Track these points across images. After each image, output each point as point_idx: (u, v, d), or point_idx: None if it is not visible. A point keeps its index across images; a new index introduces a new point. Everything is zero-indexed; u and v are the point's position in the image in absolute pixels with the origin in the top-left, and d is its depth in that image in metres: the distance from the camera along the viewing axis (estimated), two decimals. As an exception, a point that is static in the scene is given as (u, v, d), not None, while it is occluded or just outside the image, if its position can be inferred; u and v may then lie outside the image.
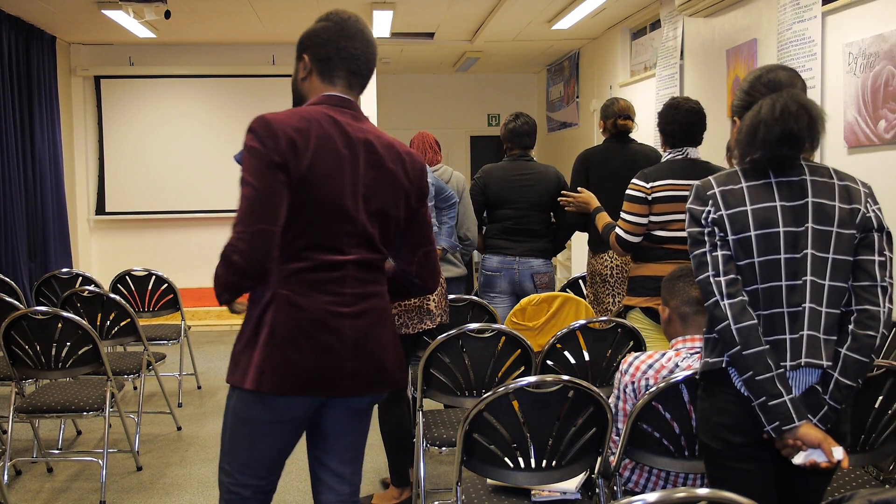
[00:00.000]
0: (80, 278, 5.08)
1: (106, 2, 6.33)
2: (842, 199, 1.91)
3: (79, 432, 4.60)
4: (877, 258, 1.90)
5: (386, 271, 2.16)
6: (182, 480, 3.89)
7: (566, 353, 3.06)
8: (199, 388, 5.56)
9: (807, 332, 1.87)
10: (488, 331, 3.04)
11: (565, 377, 2.28)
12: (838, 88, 4.11)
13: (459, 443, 2.31)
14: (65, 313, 3.61)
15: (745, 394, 1.89)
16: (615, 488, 2.44)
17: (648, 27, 7.25)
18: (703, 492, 1.42)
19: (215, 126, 8.73)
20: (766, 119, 1.89)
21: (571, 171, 4.24)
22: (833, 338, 1.88)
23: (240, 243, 1.85)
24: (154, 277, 5.15)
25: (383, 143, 2.06)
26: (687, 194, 3.17)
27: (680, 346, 2.44)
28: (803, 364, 1.86)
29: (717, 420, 1.95)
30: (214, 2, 6.65)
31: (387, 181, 2.04)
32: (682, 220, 3.15)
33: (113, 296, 4.29)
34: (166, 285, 5.17)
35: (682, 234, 3.18)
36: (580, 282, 4.62)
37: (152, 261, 7.68)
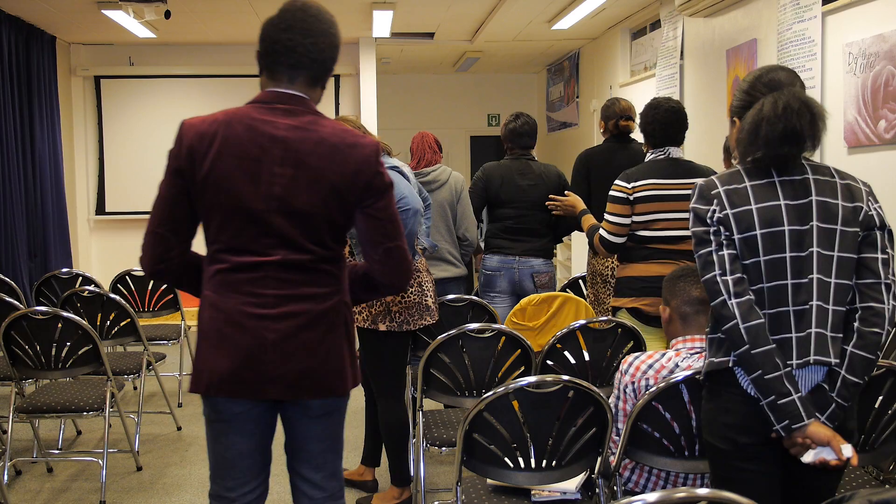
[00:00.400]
0: (80, 278, 5.08)
1: (106, 2, 6.33)
2: (844, 197, 1.92)
3: (79, 432, 4.60)
4: (880, 256, 1.91)
5: (354, 270, 2.10)
6: (182, 480, 3.89)
7: (566, 353, 3.06)
8: (199, 388, 5.55)
9: (815, 330, 1.87)
10: (488, 331, 3.04)
11: (565, 377, 2.28)
12: (838, 88, 4.11)
13: (459, 443, 2.31)
14: (65, 313, 3.61)
15: (752, 393, 1.89)
16: (615, 488, 2.44)
17: (648, 27, 7.25)
18: (703, 492, 1.42)
19: (215, 126, 8.72)
20: (769, 116, 1.89)
21: (572, 172, 4.24)
22: (840, 335, 1.89)
23: (142, 246, 2.03)
24: (154, 277, 5.14)
25: (313, 139, 1.93)
26: (669, 193, 3.21)
27: (680, 346, 2.43)
28: (812, 362, 1.87)
29: (723, 420, 1.95)
30: (214, 2, 6.65)
31: (307, 179, 1.92)
32: (665, 220, 3.18)
33: (113, 296, 4.29)
34: (166, 285, 5.17)
35: (665, 234, 3.19)
36: (580, 282, 4.62)
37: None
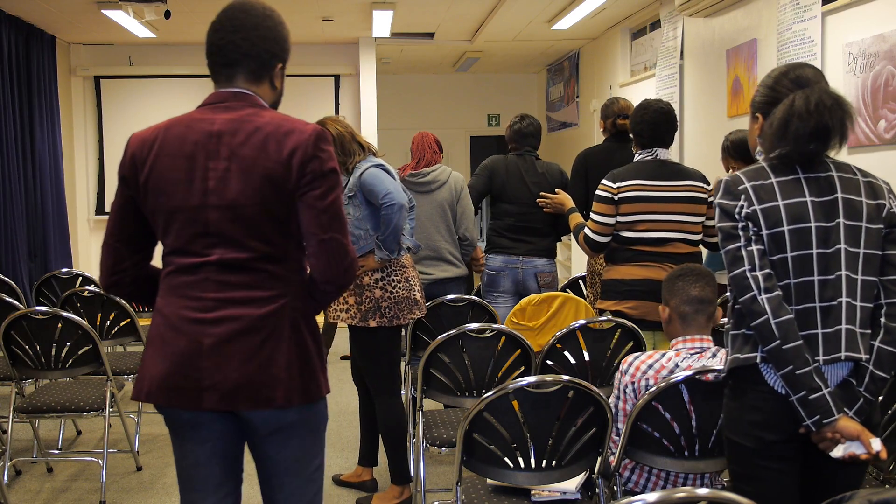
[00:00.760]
0: (80, 278, 5.08)
1: (106, 2, 6.33)
2: (867, 194, 1.94)
3: (79, 432, 4.60)
4: None
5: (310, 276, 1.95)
6: (182, 480, 3.88)
7: (566, 353, 3.06)
8: (199, 388, 5.55)
9: (845, 327, 1.88)
10: (488, 331, 3.04)
11: (565, 377, 2.28)
12: (838, 88, 4.08)
13: (459, 443, 2.31)
14: (65, 313, 3.62)
15: (780, 390, 1.90)
16: (615, 488, 2.44)
17: (648, 27, 7.25)
18: (703, 492, 1.42)
19: (215, 126, 8.72)
20: (801, 112, 1.89)
21: (571, 171, 4.24)
22: (868, 331, 1.91)
23: (100, 259, 2.02)
24: (154, 277, 5.14)
25: (247, 130, 1.84)
26: (653, 195, 3.22)
27: (680, 346, 2.43)
28: (843, 358, 1.88)
29: (749, 418, 1.95)
30: (214, 2, 6.61)
31: (240, 170, 1.83)
32: (649, 221, 3.19)
33: (113, 296, 4.29)
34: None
35: (649, 235, 3.19)
36: (580, 282, 4.62)
37: (152, 260, 7.67)
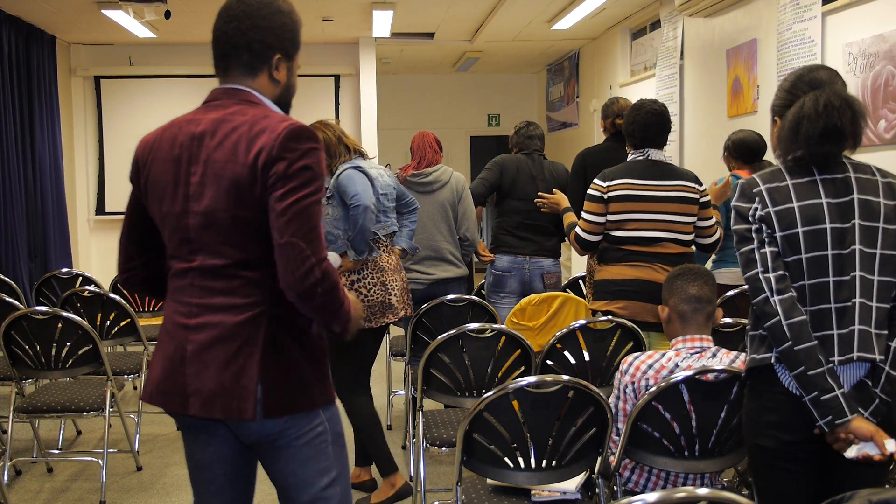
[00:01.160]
0: (80, 278, 5.08)
1: (106, 2, 6.33)
2: (886, 195, 1.95)
3: (79, 432, 4.60)
4: None
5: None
6: (182, 480, 3.88)
7: (566, 353, 3.06)
8: (199, 388, 5.55)
9: (858, 327, 1.89)
10: (488, 331, 3.04)
11: (565, 377, 2.28)
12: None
13: (459, 443, 2.31)
14: (65, 313, 3.61)
15: (794, 391, 1.91)
16: (615, 488, 2.44)
17: (648, 27, 7.25)
18: (703, 492, 1.42)
19: (215, 126, 8.72)
20: (810, 114, 1.91)
21: (570, 171, 4.25)
22: (884, 332, 1.91)
23: None
24: (154, 277, 5.14)
25: (224, 131, 1.78)
26: (643, 194, 3.22)
27: (680, 345, 2.43)
28: (855, 358, 1.88)
29: (767, 419, 1.96)
30: (214, 2, 6.59)
31: (212, 174, 1.77)
32: (638, 221, 3.19)
33: (113, 296, 4.29)
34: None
35: (638, 235, 3.19)
36: (580, 282, 4.63)
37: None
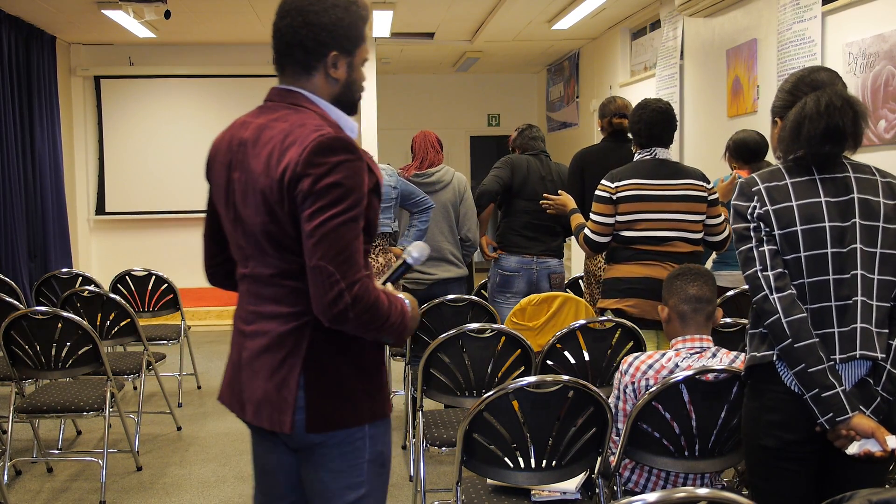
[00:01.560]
0: (80, 278, 5.08)
1: (106, 2, 6.33)
2: (885, 195, 1.96)
3: (79, 432, 4.60)
4: None
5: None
6: (182, 480, 3.88)
7: (566, 353, 3.06)
8: (199, 388, 5.55)
9: (860, 325, 1.89)
10: (488, 331, 3.04)
11: (565, 377, 2.28)
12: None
13: (459, 443, 2.31)
14: (65, 313, 3.61)
15: (796, 389, 1.91)
16: (615, 488, 2.44)
17: (648, 27, 7.25)
18: (703, 492, 1.42)
19: (215, 126, 8.56)
20: (811, 114, 1.92)
21: (567, 171, 4.26)
22: (885, 331, 1.92)
23: None
24: (154, 277, 5.15)
25: (263, 140, 1.72)
26: (652, 194, 3.22)
27: (680, 346, 2.43)
28: (858, 356, 1.89)
29: (768, 418, 1.97)
30: (214, 2, 6.65)
31: (250, 184, 1.73)
32: (648, 220, 3.18)
33: (113, 296, 4.29)
34: (166, 285, 5.17)
35: (648, 234, 3.19)
36: (580, 282, 4.63)
37: (152, 261, 7.67)
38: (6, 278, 5.11)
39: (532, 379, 2.27)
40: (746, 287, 2.02)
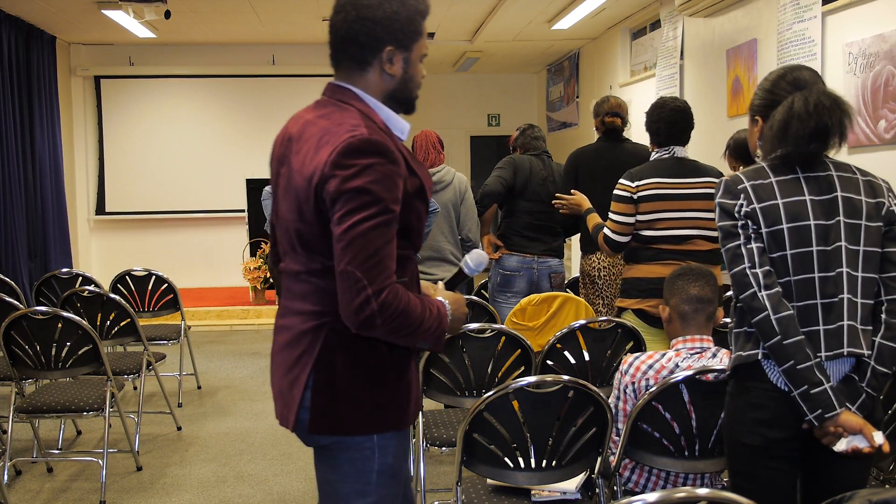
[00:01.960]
0: (80, 278, 5.08)
1: (106, 2, 6.34)
2: (867, 193, 1.96)
3: (79, 432, 4.60)
4: None
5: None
6: (182, 480, 3.89)
7: (566, 353, 3.06)
8: (199, 388, 5.55)
9: (847, 323, 1.90)
10: (488, 331, 3.03)
11: (565, 377, 2.28)
12: (838, 88, 4.08)
13: (459, 443, 2.31)
14: (65, 313, 3.61)
15: (782, 387, 1.91)
16: (615, 488, 2.44)
17: (648, 27, 7.25)
18: (703, 492, 1.42)
19: (215, 126, 8.73)
20: (800, 114, 1.91)
21: (562, 171, 4.25)
22: (869, 328, 1.92)
23: None
24: (154, 277, 5.15)
25: (307, 135, 1.70)
26: (673, 192, 3.21)
27: (680, 346, 2.43)
28: (846, 353, 1.89)
29: (754, 416, 1.96)
30: (214, 2, 6.65)
31: (288, 178, 1.73)
32: (669, 220, 3.18)
33: (113, 296, 4.29)
34: (166, 285, 5.17)
35: (669, 234, 3.18)
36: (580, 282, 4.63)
37: (152, 261, 7.68)
38: (6, 278, 5.11)
39: (532, 379, 2.27)
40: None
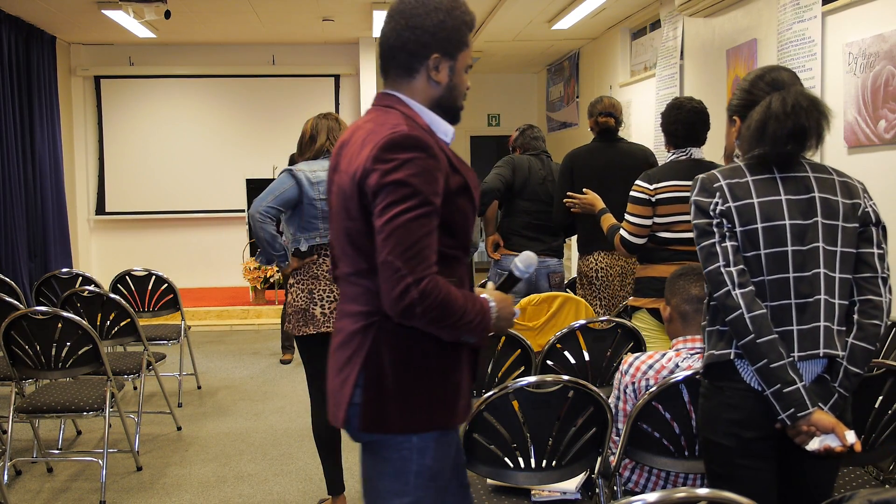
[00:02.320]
0: (80, 278, 5.08)
1: (106, 2, 6.34)
2: (843, 194, 1.96)
3: (79, 432, 4.60)
4: (876, 251, 1.96)
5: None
6: (182, 480, 3.89)
7: (566, 353, 3.06)
8: (199, 388, 5.56)
9: (823, 324, 1.90)
10: (488, 331, 3.03)
11: (565, 377, 2.28)
12: (838, 88, 4.11)
13: (459, 443, 2.31)
14: (65, 313, 3.61)
15: (756, 386, 1.91)
16: (615, 488, 2.44)
17: (648, 27, 7.25)
18: (703, 492, 1.42)
19: (215, 126, 8.73)
20: (778, 114, 1.91)
21: (558, 172, 4.25)
22: (843, 328, 1.92)
23: None
24: (154, 277, 5.15)
25: (354, 138, 1.77)
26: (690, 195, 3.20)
27: (680, 346, 2.43)
28: (822, 355, 1.89)
29: (728, 416, 1.96)
30: (214, 2, 6.65)
31: (338, 183, 1.79)
32: (687, 222, 3.15)
33: (113, 296, 4.30)
34: (166, 285, 5.17)
35: (687, 236, 3.17)
36: (580, 282, 4.63)
37: (152, 261, 7.69)
38: (6, 278, 5.11)
39: (532, 379, 2.27)
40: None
